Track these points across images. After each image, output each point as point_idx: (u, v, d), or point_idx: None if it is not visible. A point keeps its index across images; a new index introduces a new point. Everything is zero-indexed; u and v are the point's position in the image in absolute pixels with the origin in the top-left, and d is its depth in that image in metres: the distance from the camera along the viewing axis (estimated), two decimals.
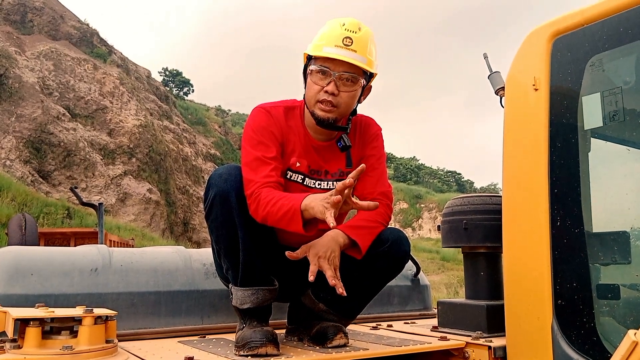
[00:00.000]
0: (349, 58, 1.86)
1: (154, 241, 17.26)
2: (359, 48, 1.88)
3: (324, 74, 1.89)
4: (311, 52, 1.92)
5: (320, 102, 1.90)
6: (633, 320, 1.61)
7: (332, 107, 1.89)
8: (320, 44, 1.90)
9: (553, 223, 1.77)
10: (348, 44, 1.87)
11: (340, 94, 1.89)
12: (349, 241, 1.82)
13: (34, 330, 1.49)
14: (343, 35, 1.87)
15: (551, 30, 1.84)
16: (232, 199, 1.77)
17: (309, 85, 1.95)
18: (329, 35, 1.90)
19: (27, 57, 22.00)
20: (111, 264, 2.15)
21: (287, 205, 1.74)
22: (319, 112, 1.91)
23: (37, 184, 18.42)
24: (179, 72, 48.24)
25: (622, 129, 1.76)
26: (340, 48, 1.86)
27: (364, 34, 1.90)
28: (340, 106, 1.91)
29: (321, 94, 1.89)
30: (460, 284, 15.86)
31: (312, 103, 1.93)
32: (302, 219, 1.70)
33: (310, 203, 1.69)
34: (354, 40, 1.87)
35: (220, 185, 1.78)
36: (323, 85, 1.89)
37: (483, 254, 2.24)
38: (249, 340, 1.73)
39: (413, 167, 60.59)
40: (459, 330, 2.17)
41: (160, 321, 2.16)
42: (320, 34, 1.95)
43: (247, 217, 1.80)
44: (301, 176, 1.98)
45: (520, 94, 1.92)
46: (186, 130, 30.66)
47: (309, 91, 1.94)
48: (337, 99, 1.89)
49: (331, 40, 1.88)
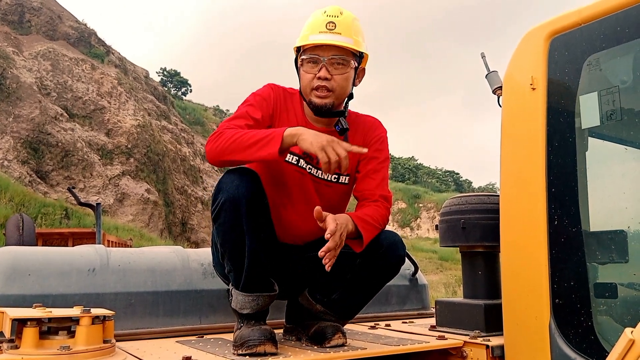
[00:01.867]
0: (335, 41, 1.90)
1: (152, 241, 17.22)
2: (343, 30, 1.92)
3: (314, 62, 1.93)
4: (298, 43, 1.97)
5: (315, 89, 1.93)
6: (630, 319, 1.61)
7: (327, 92, 1.92)
8: (306, 34, 1.95)
9: (550, 222, 1.77)
10: (332, 28, 1.91)
11: (333, 78, 1.93)
12: (355, 232, 1.81)
13: (31, 330, 1.48)
14: (326, 21, 1.92)
15: (548, 29, 1.85)
16: (243, 206, 1.75)
17: (302, 76, 1.98)
18: (313, 24, 1.95)
19: (24, 57, 21.96)
20: (109, 264, 2.15)
21: (263, 133, 1.77)
22: (316, 99, 1.94)
23: (35, 184, 18.38)
24: (177, 72, 48.20)
25: (619, 128, 1.76)
26: (324, 33, 1.91)
27: (346, 16, 1.95)
28: (336, 90, 1.94)
29: (315, 81, 1.93)
30: (458, 283, 15.87)
31: (307, 92, 1.97)
32: (281, 143, 1.73)
33: (301, 132, 1.73)
34: (337, 23, 1.92)
35: (231, 191, 1.76)
36: (315, 72, 1.93)
37: (481, 253, 2.24)
38: (247, 339, 1.73)
39: (411, 167, 60.61)
40: (457, 330, 2.17)
41: (158, 321, 2.16)
42: (305, 25, 1.99)
43: (256, 224, 1.79)
44: (296, 157, 1.98)
45: (518, 93, 1.93)
46: (184, 130, 30.63)
47: (303, 81, 1.98)
48: (331, 83, 1.92)
49: (315, 28, 1.93)
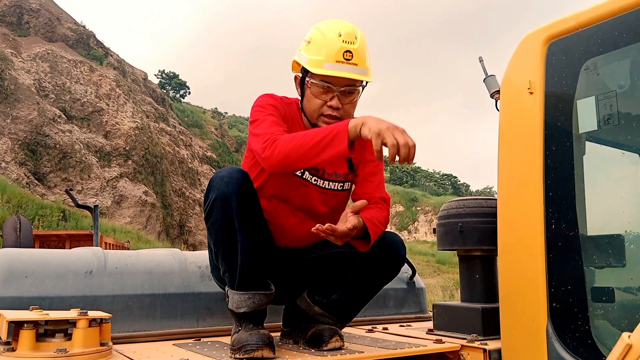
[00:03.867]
0: (353, 74, 1.86)
1: (149, 244, 17.19)
2: (359, 61, 1.87)
3: (326, 89, 1.89)
4: (312, 69, 1.88)
5: (325, 116, 1.92)
6: (627, 323, 1.62)
7: (336, 121, 1.90)
8: (320, 59, 1.86)
9: (548, 226, 1.77)
10: (349, 58, 1.85)
11: (343, 107, 1.91)
12: (363, 231, 1.81)
13: (28, 332, 1.48)
14: (343, 49, 1.85)
15: (546, 34, 1.85)
16: (233, 202, 1.76)
17: (309, 97, 1.94)
18: (328, 49, 1.86)
19: (23, 59, 21.95)
20: (106, 267, 2.14)
21: (323, 131, 1.70)
22: (323, 124, 1.91)
23: (33, 186, 18.35)
24: (175, 75, 48.24)
25: (616, 133, 1.77)
26: (341, 64, 1.85)
27: (360, 43, 1.88)
28: (344, 117, 1.92)
29: (325, 109, 1.91)
30: (455, 286, 15.87)
31: (314, 116, 1.94)
32: (347, 136, 1.65)
33: (364, 119, 1.65)
34: (354, 53, 1.86)
35: (221, 188, 1.77)
36: (325, 99, 1.90)
37: (478, 256, 2.24)
38: (245, 343, 1.73)
39: (409, 170, 60.65)
40: (455, 333, 2.17)
41: (155, 324, 2.15)
42: (316, 44, 1.89)
43: (247, 220, 1.79)
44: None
45: (516, 97, 1.93)
46: (182, 132, 30.63)
47: (310, 104, 1.94)
48: (340, 112, 1.91)
49: (331, 55, 1.85)
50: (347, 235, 1.72)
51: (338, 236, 1.70)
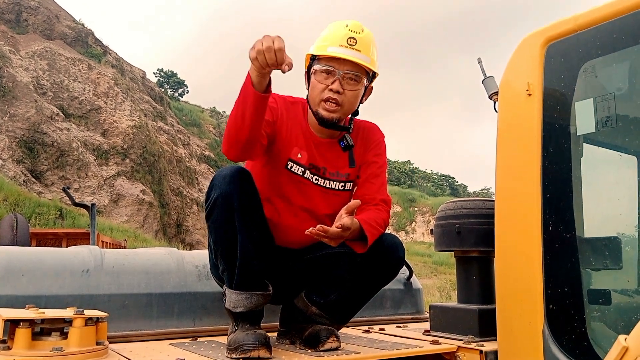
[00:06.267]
0: (354, 57, 1.89)
1: (146, 242, 17.17)
2: (363, 48, 1.92)
3: (328, 73, 1.92)
4: (315, 52, 1.95)
5: (325, 100, 1.93)
6: (624, 326, 1.62)
7: (336, 107, 1.92)
8: (325, 45, 1.93)
9: (545, 228, 1.78)
10: (352, 44, 1.91)
11: (344, 92, 1.93)
12: (360, 232, 1.80)
13: (23, 331, 1.48)
14: (347, 36, 1.91)
15: (545, 36, 1.86)
16: (235, 201, 1.76)
17: (312, 84, 1.97)
18: (333, 36, 1.93)
19: (21, 57, 21.90)
20: (103, 265, 2.14)
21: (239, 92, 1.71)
22: (323, 112, 1.94)
23: (30, 184, 18.31)
24: (174, 73, 48.15)
25: (614, 135, 1.77)
26: (344, 47, 1.90)
27: (367, 35, 1.95)
28: (344, 105, 1.94)
29: (326, 92, 1.92)
30: (452, 287, 15.88)
31: (316, 102, 1.96)
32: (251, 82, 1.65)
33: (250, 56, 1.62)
34: (358, 40, 1.91)
35: (223, 187, 1.77)
36: (327, 84, 1.92)
37: (475, 258, 2.25)
38: (241, 343, 1.73)
39: (407, 171, 60.69)
40: (451, 334, 2.17)
41: (151, 323, 2.15)
42: (323, 35, 1.97)
43: (248, 220, 1.79)
44: (302, 169, 1.99)
45: (514, 99, 1.93)
46: (180, 131, 30.59)
47: (313, 90, 1.96)
48: (341, 97, 1.92)
49: (335, 40, 1.92)
50: (340, 237, 1.71)
51: (330, 237, 1.69)
